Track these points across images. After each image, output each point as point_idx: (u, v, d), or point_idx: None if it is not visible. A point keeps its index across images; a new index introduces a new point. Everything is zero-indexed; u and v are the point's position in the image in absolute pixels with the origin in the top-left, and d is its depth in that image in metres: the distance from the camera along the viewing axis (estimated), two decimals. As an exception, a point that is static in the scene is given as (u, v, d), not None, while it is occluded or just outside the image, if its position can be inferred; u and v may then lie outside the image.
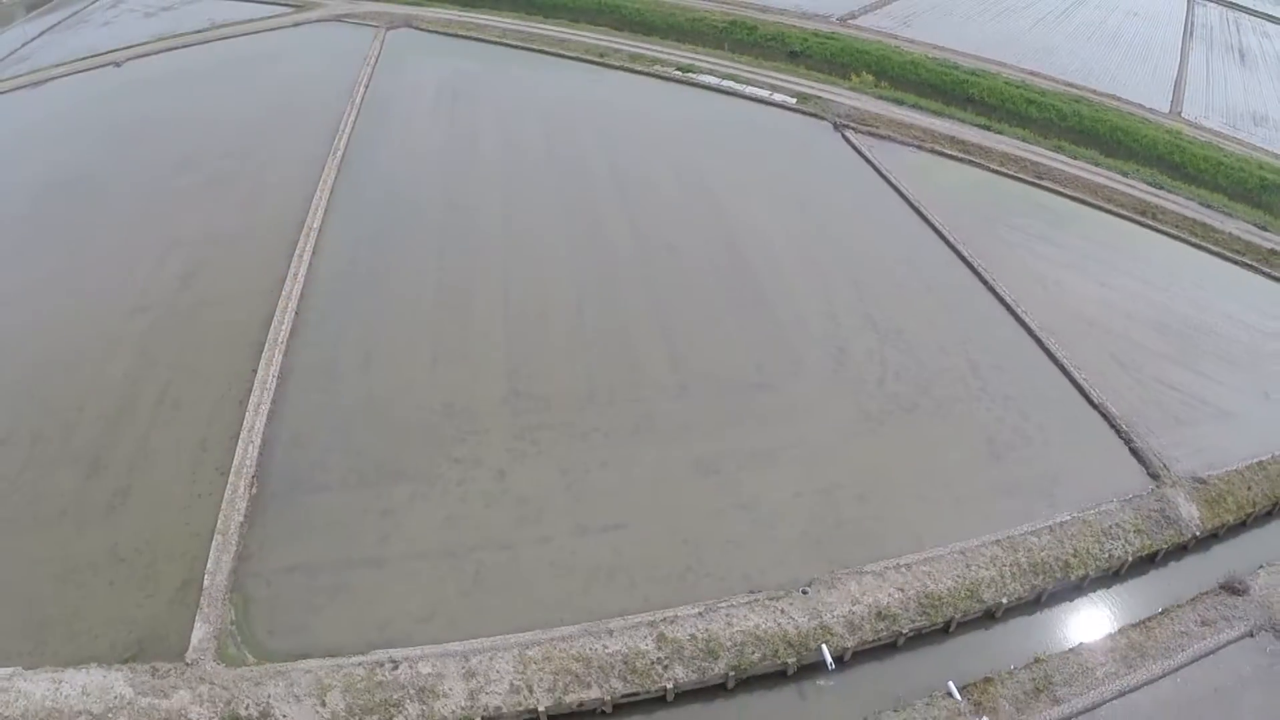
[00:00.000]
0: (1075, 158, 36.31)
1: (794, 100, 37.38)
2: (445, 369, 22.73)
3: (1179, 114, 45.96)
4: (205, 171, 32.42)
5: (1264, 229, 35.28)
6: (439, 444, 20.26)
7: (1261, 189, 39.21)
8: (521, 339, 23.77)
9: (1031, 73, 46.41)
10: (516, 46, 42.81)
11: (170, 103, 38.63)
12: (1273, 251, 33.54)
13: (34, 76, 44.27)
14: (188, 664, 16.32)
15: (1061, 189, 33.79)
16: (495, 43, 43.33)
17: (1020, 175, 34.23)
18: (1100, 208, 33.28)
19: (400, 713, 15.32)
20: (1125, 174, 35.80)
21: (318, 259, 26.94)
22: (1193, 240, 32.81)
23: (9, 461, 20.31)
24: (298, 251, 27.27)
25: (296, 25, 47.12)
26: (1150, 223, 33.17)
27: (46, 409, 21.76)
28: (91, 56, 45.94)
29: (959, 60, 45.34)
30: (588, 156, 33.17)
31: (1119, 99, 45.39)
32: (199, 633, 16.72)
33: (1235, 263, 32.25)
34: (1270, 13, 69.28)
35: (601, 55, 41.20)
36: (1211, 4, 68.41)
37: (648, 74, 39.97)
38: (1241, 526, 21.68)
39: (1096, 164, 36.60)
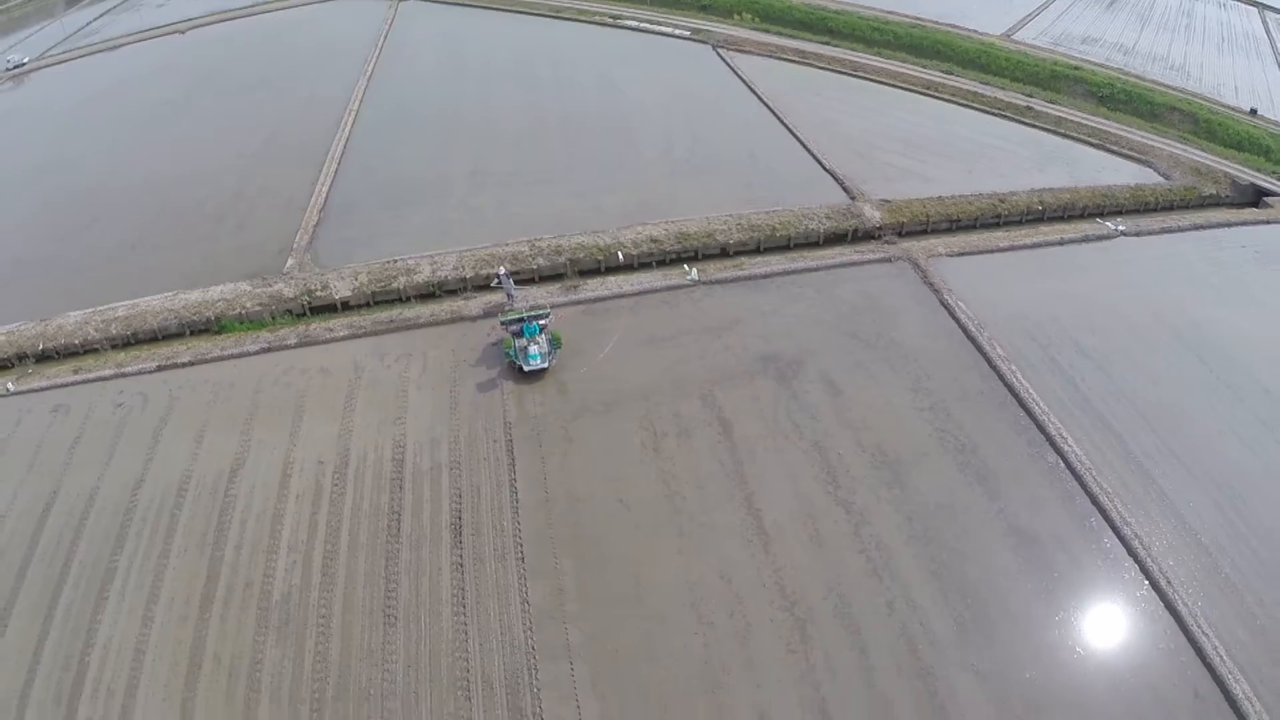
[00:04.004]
0: (889, 59, 49.37)
1: (689, 33, 51.72)
2: (436, 164, 37.53)
3: (1009, 37, 58.27)
4: (272, 89, 47.53)
5: (1030, 97, 47.59)
6: (429, 190, 35.17)
7: (1051, 77, 51.43)
8: (483, 152, 38.42)
9: (889, 12, 59.35)
10: (495, 9, 58.49)
11: (235, 54, 53.82)
12: (1028, 108, 45.93)
13: (108, 44, 58.10)
14: (283, 274, 30.53)
15: (868, 76, 46.97)
16: (480, 7, 59.07)
17: (840, 70, 47.66)
18: (894, 86, 46.34)
19: (395, 281, 29.42)
20: (924, 66, 48.72)
21: (357, 123, 42.12)
22: (962, 102, 45.52)
23: (160, 226, 34.35)
24: (343, 121, 42.32)
25: (325, 1, 63.15)
26: (932, 94, 46.01)
27: (183, 201, 35.84)
28: (155, 28, 60.25)
29: (829, 4, 58.66)
30: (537, 68, 48.22)
31: (957, 27, 58.04)
32: (289, 262, 31.02)
33: (992, 114, 44.77)
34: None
35: (557, 11, 56.70)
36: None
37: (588, 22, 55.23)
38: (923, 232, 34.16)
39: (904, 62, 49.54)
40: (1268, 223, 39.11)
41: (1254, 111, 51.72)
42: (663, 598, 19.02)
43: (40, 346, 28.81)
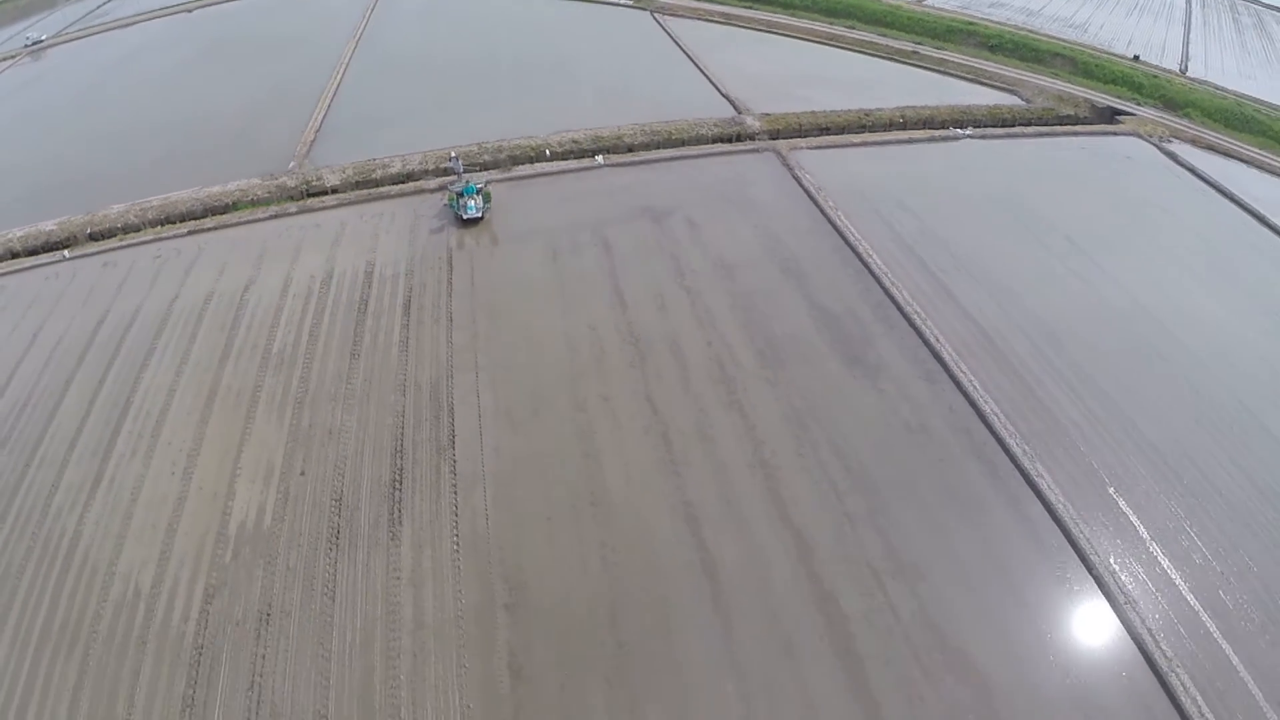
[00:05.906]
0: (800, 18, 57.34)
1: (630, 1, 60.19)
2: (410, 99, 46.05)
3: (921, 4, 66.00)
4: (276, 51, 55.87)
5: (918, 45, 55.15)
6: (402, 116, 43.54)
7: (946, 30, 59.03)
8: (448, 91, 46.91)
9: (815, -13, 67.75)
10: (471, -9, 67.52)
11: (243, 25, 62.44)
12: (913, 53, 53.47)
13: (119, 23, 65.31)
14: (287, 171, 38.69)
15: (780, 32, 54.99)
16: (458, -9, 68.21)
17: (756, 28, 55.77)
18: (801, 38, 54.23)
19: (374, 173, 37.46)
20: (832, 22, 56.55)
21: (347, 73, 50.67)
22: (856, 50, 53.26)
23: (184, 146, 42.57)
24: (335, 71, 50.91)
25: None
26: (832, 44, 53.81)
27: (202, 128, 44.24)
28: (164, 9, 67.49)
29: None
30: (497, 31, 56.88)
31: (875, -1, 66.10)
32: (291, 164, 39.16)
33: (880, 58, 52.45)
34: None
35: (523, -9, 65.55)
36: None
37: (549, -1, 63.99)
38: (798, 136, 41.71)
39: (815, 20, 57.44)
40: (1114, 134, 46.34)
41: (1136, 58, 59.07)
42: (545, 339, 26.84)
43: (89, 231, 37.13)
